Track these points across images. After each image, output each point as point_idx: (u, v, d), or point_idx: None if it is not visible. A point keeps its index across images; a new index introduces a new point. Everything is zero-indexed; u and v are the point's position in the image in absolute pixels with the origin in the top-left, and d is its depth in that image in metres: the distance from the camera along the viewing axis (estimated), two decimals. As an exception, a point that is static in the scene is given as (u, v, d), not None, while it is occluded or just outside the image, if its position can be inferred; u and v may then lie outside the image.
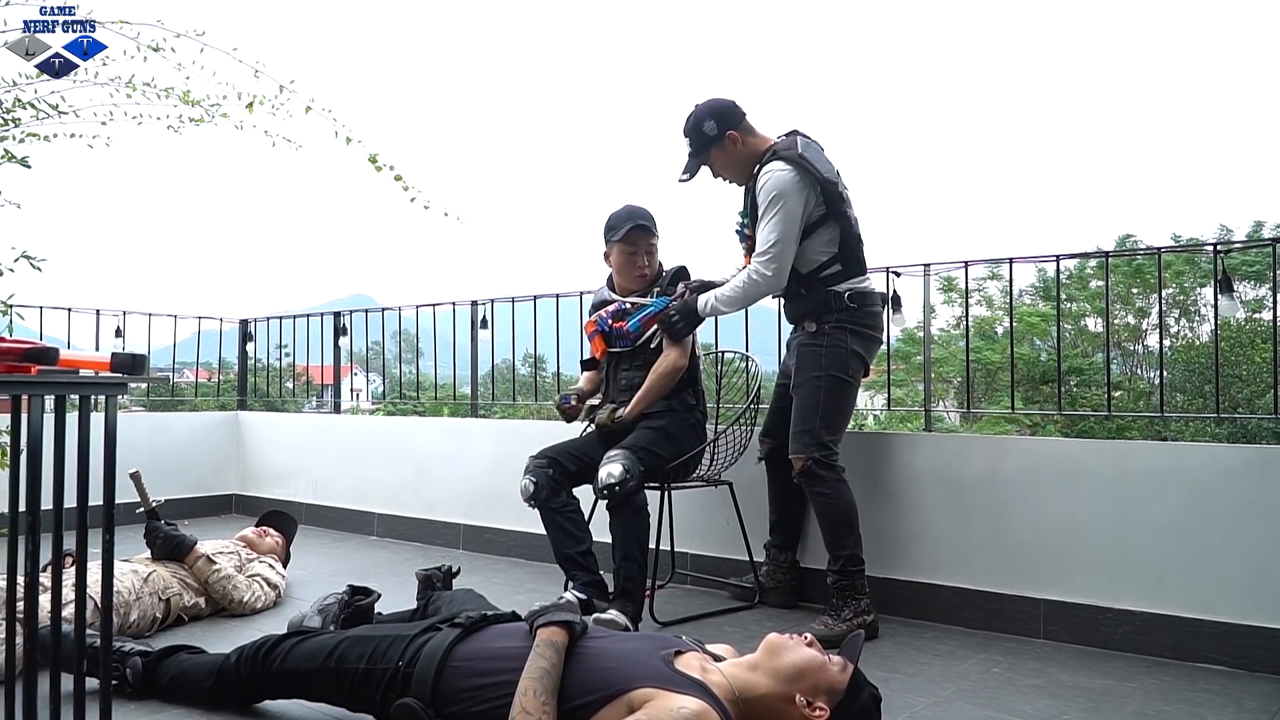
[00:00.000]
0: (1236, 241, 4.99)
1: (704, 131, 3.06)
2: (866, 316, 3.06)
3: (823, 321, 3.02)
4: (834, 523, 2.96)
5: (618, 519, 2.95)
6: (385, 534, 4.93)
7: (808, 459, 2.95)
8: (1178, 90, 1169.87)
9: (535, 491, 3.07)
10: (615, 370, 3.32)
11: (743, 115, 3.09)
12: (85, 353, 1.85)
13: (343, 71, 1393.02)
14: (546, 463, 3.11)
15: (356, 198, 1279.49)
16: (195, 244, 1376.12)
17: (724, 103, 3.09)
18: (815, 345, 3.03)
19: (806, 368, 3.03)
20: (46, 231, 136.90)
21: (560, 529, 3.07)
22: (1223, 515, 2.70)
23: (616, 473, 2.90)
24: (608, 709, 1.72)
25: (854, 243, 3.04)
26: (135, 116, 3.01)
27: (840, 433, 3.04)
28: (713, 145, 3.06)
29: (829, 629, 2.84)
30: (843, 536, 2.95)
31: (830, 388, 2.99)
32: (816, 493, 2.98)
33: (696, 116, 3.08)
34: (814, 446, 2.95)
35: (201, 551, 3.16)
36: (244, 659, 2.18)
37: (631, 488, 2.90)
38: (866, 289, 3.08)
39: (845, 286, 3.01)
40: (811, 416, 2.99)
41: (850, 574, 2.94)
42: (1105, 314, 10.53)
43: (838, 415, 3.02)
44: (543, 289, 4.55)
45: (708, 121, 3.05)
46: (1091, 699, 2.38)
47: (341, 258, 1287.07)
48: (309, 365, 6.57)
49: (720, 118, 3.05)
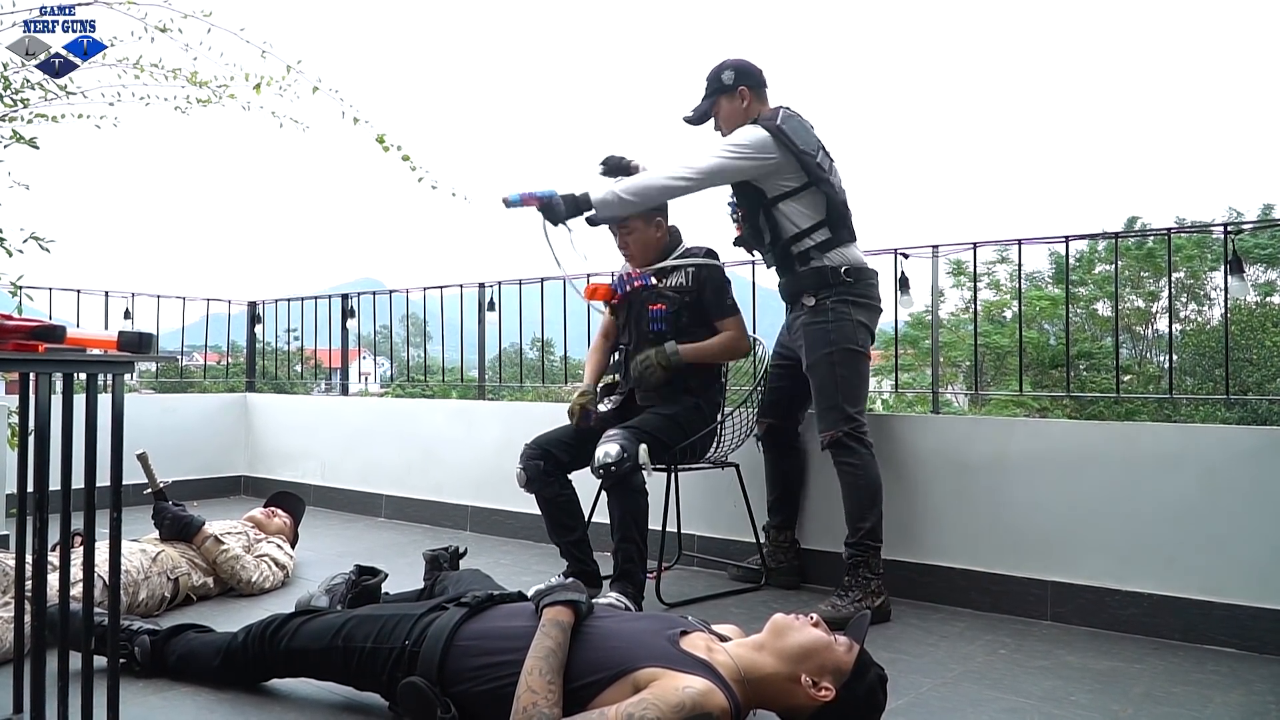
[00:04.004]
0: (1247, 222, 4.95)
1: (721, 79, 3.13)
2: (864, 288, 3.06)
3: (821, 296, 3.03)
4: (859, 495, 2.97)
5: (615, 499, 2.93)
6: (393, 515, 4.95)
7: (837, 432, 2.97)
8: (1184, 73, 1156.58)
9: (526, 482, 3.09)
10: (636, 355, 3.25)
11: (763, 83, 3.15)
12: (93, 331, 1.85)
13: (350, 52, 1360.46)
14: (538, 454, 3.10)
15: (364, 180, 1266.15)
16: (203, 226, 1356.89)
17: (750, 64, 3.16)
18: (821, 322, 3.02)
19: (816, 346, 3.03)
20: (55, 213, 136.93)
21: (551, 519, 3.11)
22: (1233, 497, 2.69)
23: (613, 452, 2.87)
24: (613, 688, 1.72)
25: (842, 209, 3.04)
26: (143, 97, 3.01)
27: (863, 403, 3.05)
28: (723, 93, 3.12)
29: (837, 610, 2.84)
30: (865, 510, 2.96)
31: (844, 361, 3.00)
32: (845, 463, 2.99)
33: (721, 65, 3.16)
34: (842, 420, 2.97)
35: (210, 532, 3.17)
36: (251, 638, 2.19)
37: (628, 468, 2.87)
38: (860, 263, 3.08)
39: (839, 258, 3.02)
40: (834, 393, 3.00)
41: (866, 548, 2.94)
42: (1115, 296, 10.48)
43: (858, 386, 3.03)
44: (551, 272, 4.52)
45: (727, 71, 3.12)
46: (1099, 680, 2.38)
47: (349, 240, 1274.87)
48: (317, 348, 6.58)
49: (740, 72, 3.12)
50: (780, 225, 3.05)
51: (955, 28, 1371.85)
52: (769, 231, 3.08)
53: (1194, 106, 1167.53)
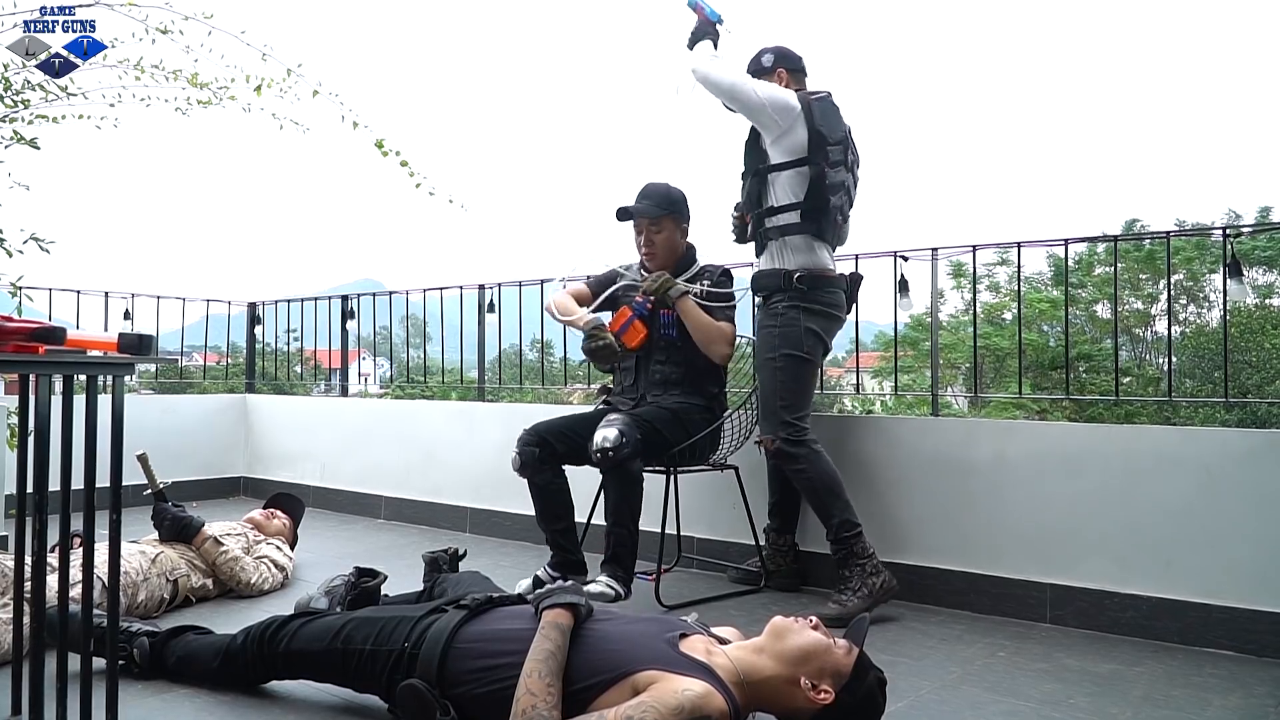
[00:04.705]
0: (1246, 225, 4.96)
1: (761, 61, 3.20)
2: (819, 294, 3.07)
3: (773, 300, 3.07)
4: (817, 494, 3.00)
5: (611, 485, 2.95)
6: (392, 517, 4.95)
7: (775, 439, 3.01)
8: (1183, 77, 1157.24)
9: (520, 467, 3.12)
10: (648, 362, 3.28)
11: (801, 68, 3.22)
12: (93, 333, 1.85)
13: (350, 55, 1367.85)
14: (535, 440, 3.12)
15: (364, 182, 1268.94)
16: (204, 227, 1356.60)
17: (791, 50, 3.22)
18: (769, 326, 3.08)
19: (762, 349, 3.10)
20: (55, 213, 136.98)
21: (541, 505, 3.15)
22: (1231, 500, 2.69)
23: (612, 436, 2.89)
24: (612, 691, 1.72)
25: (821, 200, 3.03)
26: (143, 98, 3.01)
27: (804, 409, 3.06)
28: (761, 74, 3.18)
29: (844, 607, 2.84)
30: (829, 505, 2.98)
31: (785, 367, 3.03)
32: (793, 470, 3.03)
33: (762, 49, 3.22)
34: (778, 426, 3.01)
35: (209, 533, 3.17)
36: (251, 640, 2.19)
37: (626, 454, 2.89)
38: (820, 268, 3.08)
39: (798, 258, 3.05)
40: (771, 398, 3.05)
41: (845, 540, 2.95)
42: (1114, 299, 10.48)
43: (799, 394, 3.05)
44: (551, 273, 4.52)
45: (767, 55, 3.20)
46: (1098, 683, 2.38)
47: (349, 242, 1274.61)
48: (317, 349, 6.58)
49: (779, 55, 3.19)
50: (764, 195, 3.10)
51: (955, 30, 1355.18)
52: (756, 197, 3.13)
53: (1193, 109, 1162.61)
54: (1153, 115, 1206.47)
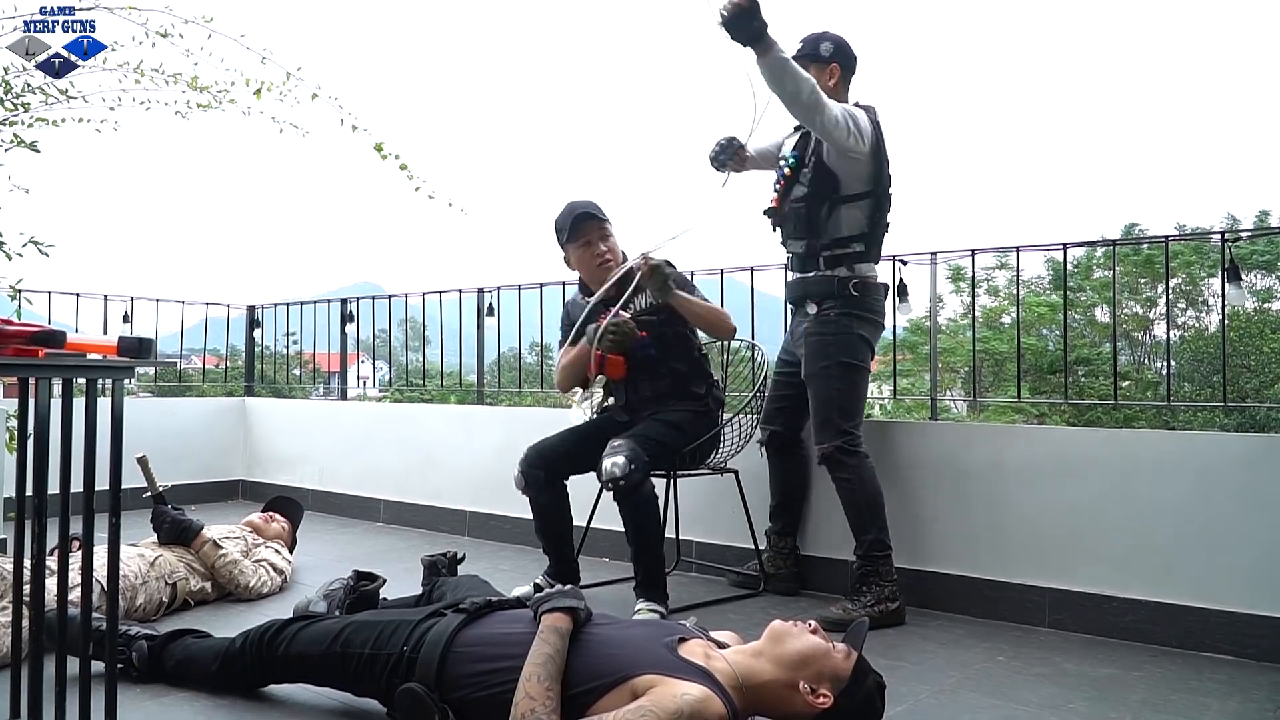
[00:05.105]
0: (1245, 229, 4.97)
1: (820, 48, 3.07)
2: (870, 302, 3.06)
3: (825, 306, 3.03)
4: (858, 508, 2.98)
5: (629, 512, 2.93)
6: (391, 520, 4.95)
7: (830, 446, 2.98)
8: (1183, 80, 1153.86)
9: (524, 486, 3.15)
10: (635, 384, 3.22)
11: (854, 69, 3.12)
12: (92, 336, 1.85)
13: (350, 59, 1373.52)
14: (540, 464, 3.11)
15: (364, 185, 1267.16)
16: (203, 230, 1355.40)
17: (850, 46, 3.11)
18: (822, 334, 3.03)
19: (816, 358, 3.03)
20: (54, 217, 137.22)
21: (541, 523, 3.19)
22: (1230, 504, 2.69)
23: (621, 464, 2.85)
24: (611, 695, 1.72)
25: (883, 228, 3.05)
26: (143, 102, 3.01)
27: (858, 417, 3.05)
28: (815, 62, 3.05)
29: (847, 613, 2.84)
30: (866, 522, 2.96)
31: (842, 375, 3.00)
32: (840, 478, 3.00)
33: (823, 34, 3.09)
34: (835, 434, 2.98)
35: (208, 536, 3.17)
36: (249, 643, 2.19)
37: (637, 479, 2.86)
38: (872, 279, 3.08)
39: (851, 273, 3.01)
40: (829, 407, 3.01)
41: (874, 559, 2.95)
42: (1113, 303, 10.50)
43: (855, 401, 3.04)
44: (549, 277, 4.52)
45: (826, 43, 3.07)
46: (1097, 688, 2.38)
47: (348, 246, 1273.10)
48: (315, 352, 6.58)
49: (839, 49, 3.08)
50: (832, 225, 3.01)
51: (954, 33, 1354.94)
52: (821, 226, 3.01)
53: (1192, 113, 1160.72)
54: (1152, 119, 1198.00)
